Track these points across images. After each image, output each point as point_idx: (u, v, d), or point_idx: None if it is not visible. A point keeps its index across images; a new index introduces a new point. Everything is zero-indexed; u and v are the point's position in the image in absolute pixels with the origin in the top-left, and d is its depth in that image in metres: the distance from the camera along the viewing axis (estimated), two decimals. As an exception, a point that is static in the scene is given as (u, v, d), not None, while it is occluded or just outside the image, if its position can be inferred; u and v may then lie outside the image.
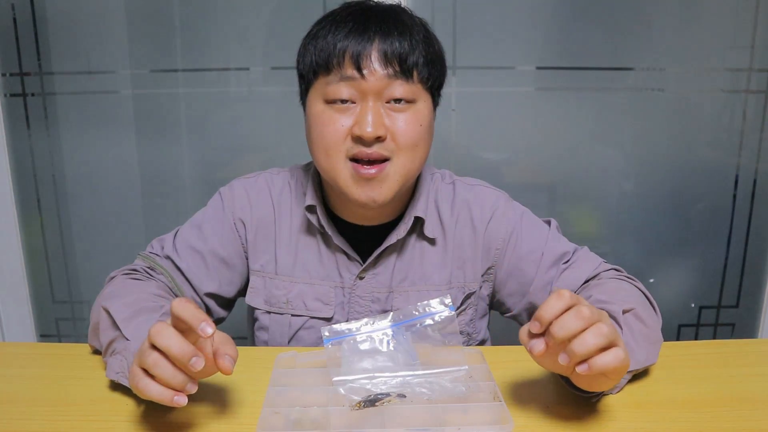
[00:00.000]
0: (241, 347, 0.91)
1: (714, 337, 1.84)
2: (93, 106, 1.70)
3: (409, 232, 0.97)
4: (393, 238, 0.95)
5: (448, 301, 0.79)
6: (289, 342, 0.99)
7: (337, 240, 0.96)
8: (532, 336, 0.65)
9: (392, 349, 0.79)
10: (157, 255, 1.00)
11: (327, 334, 0.78)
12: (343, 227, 0.98)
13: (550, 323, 0.63)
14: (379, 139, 0.85)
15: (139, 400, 0.76)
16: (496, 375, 0.77)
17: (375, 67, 0.84)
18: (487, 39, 1.63)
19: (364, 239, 0.98)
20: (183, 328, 0.64)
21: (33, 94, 1.69)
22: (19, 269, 1.77)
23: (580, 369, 0.63)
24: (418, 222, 0.97)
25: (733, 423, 0.72)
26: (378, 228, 0.97)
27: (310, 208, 0.96)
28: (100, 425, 0.71)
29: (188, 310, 0.63)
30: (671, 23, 1.65)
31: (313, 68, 0.88)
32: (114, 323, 0.80)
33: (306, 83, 0.91)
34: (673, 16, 1.65)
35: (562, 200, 1.77)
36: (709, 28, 1.65)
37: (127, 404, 0.76)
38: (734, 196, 1.75)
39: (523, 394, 0.78)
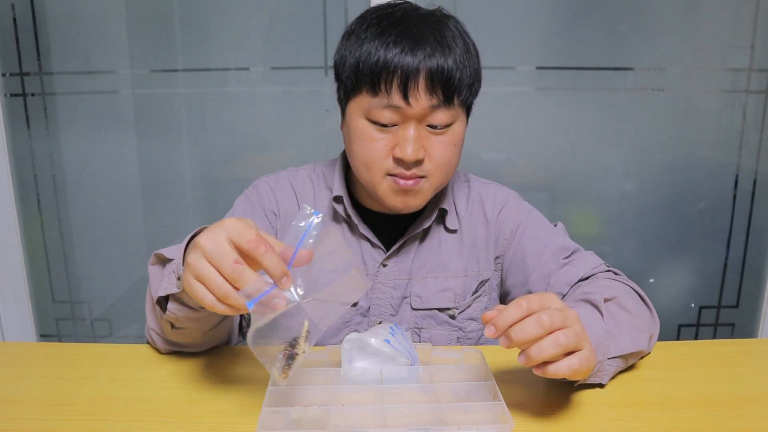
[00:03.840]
0: (242, 347, 0.91)
1: (714, 337, 1.84)
2: (93, 106, 1.70)
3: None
4: (418, 228, 1.00)
5: None
6: None
7: (363, 229, 1.00)
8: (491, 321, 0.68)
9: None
10: None
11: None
12: (367, 216, 1.02)
13: (510, 327, 0.66)
14: (417, 162, 0.89)
15: (138, 400, 0.76)
16: (495, 375, 0.77)
17: (421, 96, 0.85)
18: (486, 39, 1.63)
19: (386, 228, 1.02)
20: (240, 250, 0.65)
21: (33, 94, 1.70)
22: (19, 269, 1.77)
23: (536, 371, 0.68)
24: (441, 213, 1.02)
25: (733, 423, 0.72)
26: (400, 217, 1.00)
27: (337, 199, 1.01)
28: (100, 425, 0.71)
29: (272, 260, 0.63)
30: (671, 23, 1.65)
31: (355, 81, 0.88)
32: (162, 261, 0.85)
33: (346, 91, 0.91)
34: (673, 16, 1.65)
35: (562, 200, 1.77)
36: (709, 28, 1.65)
37: (127, 404, 0.76)
38: (734, 196, 1.75)
39: (523, 394, 0.78)
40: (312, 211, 0.66)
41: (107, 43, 1.67)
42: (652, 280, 1.80)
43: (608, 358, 0.78)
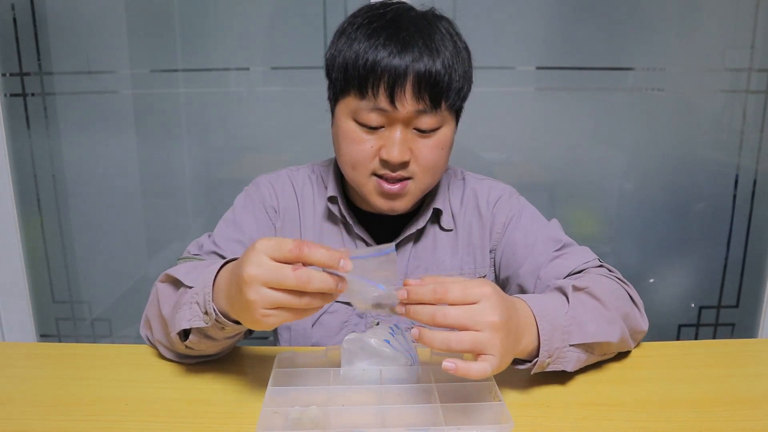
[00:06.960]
0: (242, 347, 0.91)
1: (714, 337, 1.84)
2: (93, 106, 1.70)
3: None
4: (412, 228, 1.00)
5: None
6: (312, 326, 1.02)
7: (358, 229, 1.01)
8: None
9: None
10: (197, 255, 1.00)
11: None
12: (363, 217, 1.02)
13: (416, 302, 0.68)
14: (403, 164, 0.89)
15: (138, 400, 0.76)
16: (496, 375, 0.77)
17: (407, 101, 0.85)
18: (487, 39, 1.63)
19: (381, 229, 1.02)
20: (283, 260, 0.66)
21: (33, 94, 1.70)
22: (19, 269, 1.77)
23: (443, 365, 0.67)
24: (436, 213, 1.02)
25: (732, 423, 0.72)
26: (395, 218, 1.00)
27: (332, 199, 1.01)
28: (100, 425, 0.71)
29: (321, 252, 0.64)
30: (671, 23, 1.65)
31: (344, 82, 0.88)
32: (175, 283, 0.83)
33: (335, 92, 0.92)
34: (673, 16, 1.65)
35: (562, 200, 1.77)
36: (709, 28, 1.65)
37: (127, 404, 0.76)
38: (734, 196, 1.75)
39: (523, 394, 0.78)
40: (392, 246, 0.68)
41: (107, 43, 1.67)
42: (652, 280, 1.79)
43: (570, 345, 0.77)
